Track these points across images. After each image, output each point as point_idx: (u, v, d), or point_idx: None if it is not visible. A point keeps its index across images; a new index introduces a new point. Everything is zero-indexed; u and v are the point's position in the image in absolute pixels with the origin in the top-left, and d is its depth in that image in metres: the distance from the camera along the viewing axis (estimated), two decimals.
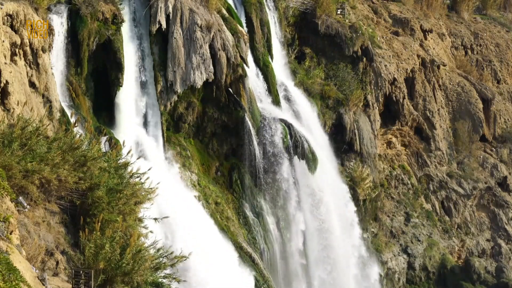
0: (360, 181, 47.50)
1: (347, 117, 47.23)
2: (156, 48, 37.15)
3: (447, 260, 51.78)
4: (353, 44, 48.53)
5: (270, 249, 40.12)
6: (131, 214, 21.33)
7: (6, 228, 16.24)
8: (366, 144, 48.58)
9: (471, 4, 67.56)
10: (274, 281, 39.25)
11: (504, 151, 58.93)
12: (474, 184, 55.58)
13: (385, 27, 57.44)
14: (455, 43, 63.68)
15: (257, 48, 43.07)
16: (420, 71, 55.52)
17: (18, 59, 27.89)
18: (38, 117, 23.55)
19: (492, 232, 55.66)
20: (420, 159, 54.81)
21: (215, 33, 38.16)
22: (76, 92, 33.48)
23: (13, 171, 18.91)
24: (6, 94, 25.91)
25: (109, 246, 18.59)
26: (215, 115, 39.46)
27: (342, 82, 48.14)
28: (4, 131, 20.18)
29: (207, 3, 38.69)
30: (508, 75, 65.20)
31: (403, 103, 53.03)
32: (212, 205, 37.93)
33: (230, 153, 40.35)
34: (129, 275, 18.85)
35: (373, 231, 49.30)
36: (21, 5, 28.31)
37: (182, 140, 38.68)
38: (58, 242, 19.72)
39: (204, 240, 33.45)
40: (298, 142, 41.19)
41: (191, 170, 38.17)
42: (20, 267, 15.16)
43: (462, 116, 57.77)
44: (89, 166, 20.95)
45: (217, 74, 38.16)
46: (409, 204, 52.55)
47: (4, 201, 17.08)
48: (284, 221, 41.33)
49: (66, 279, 18.61)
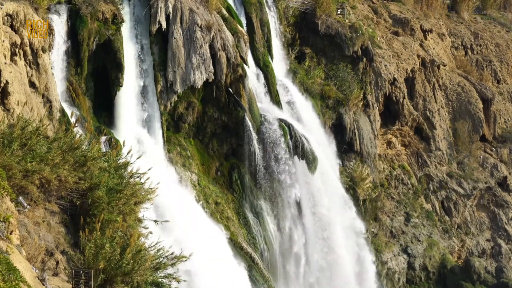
0: (360, 181, 47.50)
1: (347, 117, 47.23)
2: (156, 48, 37.16)
3: (447, 260, 51.76)
4: (353, 44, 48.53)
5: (270, 249, 40.12)
6: (131, 214, 21.33)
7: (6, 228, 16.23)
8: (366, 144, 48.57)
9: (471, 4, 67.51)
10: (274, 281, 39.25)
11: (504, 151, 58.90)
12: (474, 184, 55.56)
13: (385, 27, 57.42)
14: (455, 43, 63.66)
15: (257, 48, 43.08)
16: (420, 71, 55.49)
17: (18, 59, 27.89)
18: (38, 117, 23.55)
19: (492, 232, 55.64)
20: (420, 159, 54.79)
21: (215, 33, 38.17)
22: (76, 92, 33.48)
23: (13, 171, 18.89)
24: (6, 94, 25.93)
25: (109, 246, 18.58)
26: (215, 115, 39.47)
27: (342, 82, 48.14)
28: (4, 131, 20.16)
29: (207, 3, 38.69)
30: (508, 75, 65.18)
31: (403, 103, 53.02)
32: (212, 205, 37.93)
33: (230, 153, 40.35)
34: (129, 275, 18.85)
35: (373, 231, 49.28)
36: (21, 5, 28.30)
37: (182, 140, 38.69)
38: (58, 242, 19.71)
39: (204, 240, 33.44)
40: (298, 142, 41.19)
41: (191, 170, 38.17)
42: (20, 267, 15.15)
43: (462, 116, 57.74)
44: (89, 166, 20.94)
45: (217, 74, 38.16)
46: (409, 204, 52.54)
47: (4, 201, 17.07)
48: (284, 221, 41.34)
49: (66, 279, 18.61)
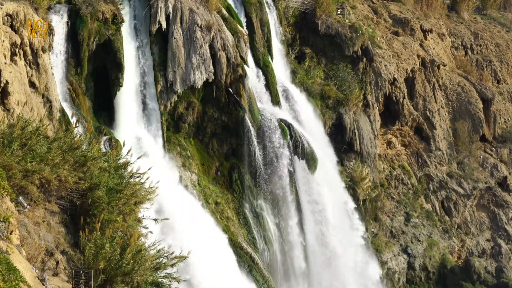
0: (360, 181, 47.50)
1: (347, 117, 47.23)
2: (156, 48, 37.16)
3: (447, 260, 51.75)
4: (353, 44, 48.53)
5: (270, 249, 40.12)
6: (131, 214, 21.33)
7: (6, 228, 16.24)
8: (366, 144, 48.57)
9: (471, 4, 67.51)
10: (274, 281, 39.25)
11: (504, 151, 58.90)
12: (474, 184, 55.55)
13: (385, 27, 57.41)
14: (455, 43, 63.65)
15: (257, 48, 43.07)
16: (420, 71, 55.49)
17: (18, 59, 27.89)
18: (38, 117, 23.56)
19: (492, 232, 55.63)
20: (420, 159, 54.79)
21: (215, 33, 38.17)
22: (76, 92, 33.48)
23: (13, 171, 18.90)
24: (6, 94, 25.93)
25: (109, 246, 18.59)
26: (215, 115, 39.47)
27: (342, 82, 48.14)
28: (4, 131, 20.17)
29: (207, 3, 38.69)
30: (508, 75, 65.18)
31: (403, 103, 53.02)
32: (212, 205, 37.93)
33: (230, 153, 40.35)
34: (129, 275, 18.85)
35: (373, 231, 49.28)
36: (21, 5, 28.30)
37: (182, 140, 38.69)
38: (58, 242, 19.71)
39: (204, 240, 33.44)
40: (298, 142, 41.19)
41: (191, 170, 38.17)
42: (20, 267, 15.15)
43: (462, 116, 57.74)
44: (89, 166, 20.95)
45: (217, 74, 38.17)
46: (409, 204, 52.53)
47: (4, 201, 17.07)
48: (284, 221, 41.34)
49: (66, 279, 18.61)
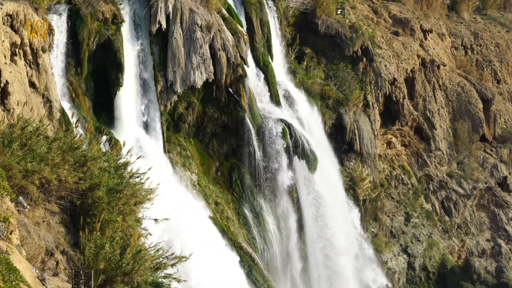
0: (360, 181, 47.48)
1: (347, 117, 47.22)
2: (156, 48, 37.17)
3: (447, 260, 51.76)
4: (353, 44, 48.53)
5: (270, 249, 40.12)
6: (131, 214, 21.33)
7: (6, 228, 16.24)
8: (366, 144, 48.56)
9: (471, 4, 67.50)
10: (274, 281, 39.25)
11: (504, 151, 58.89)
12: (474, 184, 55.55)
13: (385, 27, 57.41)
14: (455, 43, 63.64)
15: (257, 48, 43.07)
16: (420, 71, 55.48)
17: (18, 59, 27.89)
18: (38, 117, 23.57)
19: (492, 232, 55.63)
20: (420, 159, 54.79)
21: (215, 33, 38.18)
22: (76, 92, 33.49)
23: (13, 171, 18.91)
24: (6, 94, 25.92)
25: (109, 246, 18.59)
26: (215, 115, 39.47)
27: (342, 82, 48.13)
28: (4, 131, 20.19)
29: (207, 3, 38.69)
30: (508, 75, 65.18)
31: (403, 103, 53.02)
32: (212, 205, 37.94)
33: (230, 153, 40.36)
34: (129, 275, 18.85)
35: (373, 231, 49.27)
36: (21, 5, 28.30)
37: (182, 140, 38.69)
38: (58, 242, 19.72)
39: (204, 240, 33.44)
40: (298, 142, 41.19)
41: (191, 170, 38.18)
42: (20, 267, 15.16)
43: (462, 116, 57.73)
44: (89, 166, 20.96)
45: (217, 74, 38.17)
46: (409, 204, 52.52)
47: (4, 201, 17.07)
48: (284, 221, 41.34)
49: (66, 279, 18.61)
